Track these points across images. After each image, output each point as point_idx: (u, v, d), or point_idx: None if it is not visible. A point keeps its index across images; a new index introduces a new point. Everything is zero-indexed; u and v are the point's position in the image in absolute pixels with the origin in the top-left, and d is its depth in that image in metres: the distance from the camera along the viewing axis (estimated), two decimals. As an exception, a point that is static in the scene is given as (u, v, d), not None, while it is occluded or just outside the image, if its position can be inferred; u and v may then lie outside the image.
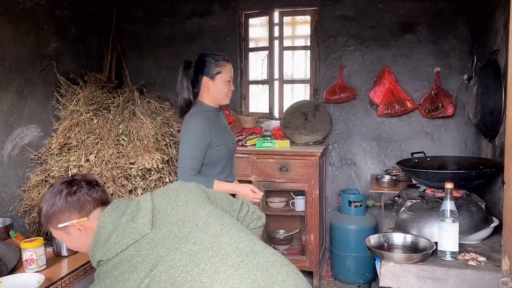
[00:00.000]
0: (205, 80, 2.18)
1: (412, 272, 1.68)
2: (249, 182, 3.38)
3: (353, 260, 3.26)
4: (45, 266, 2.04)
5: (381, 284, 1.74)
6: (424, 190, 2.33)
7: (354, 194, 3.36)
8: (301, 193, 3.36)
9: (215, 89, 2.19)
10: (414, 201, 2.13)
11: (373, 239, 1.85)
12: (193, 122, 2.14)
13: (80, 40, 3.67)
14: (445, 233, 1.70)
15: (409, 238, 1.83)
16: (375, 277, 3.21)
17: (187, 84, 2.22)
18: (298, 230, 3.55)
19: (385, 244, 1.85)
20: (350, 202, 3.30)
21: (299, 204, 3.37)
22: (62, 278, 2.01)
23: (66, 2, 3.50)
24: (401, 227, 1.95)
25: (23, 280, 1.87)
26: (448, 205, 1.69)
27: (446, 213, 1.70)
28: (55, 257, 2.20)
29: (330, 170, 3.72)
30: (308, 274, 3.31)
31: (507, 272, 0.96)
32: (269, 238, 3.52)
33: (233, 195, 2.13)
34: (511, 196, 0.93)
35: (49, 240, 2.27)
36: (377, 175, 3.26)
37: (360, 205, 3.30)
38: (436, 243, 1.74)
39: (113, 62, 3.92)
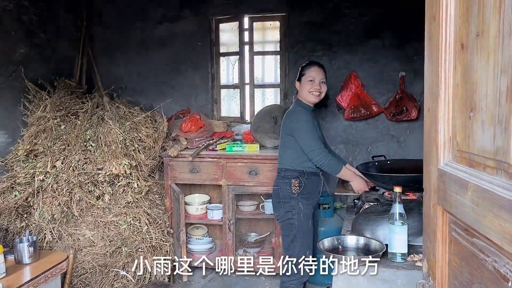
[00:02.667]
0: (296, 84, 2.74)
1: (363, 274, 1.74)
2: (219, 186, 3.42)
3: (322, 262, 3.31)
4: (4, 274, 2.05)
5: (334, 287, 1.79)
6: (383, 193, 2.40)
7: (322, 196, 3.41)
8: (270, 196, 3.40)
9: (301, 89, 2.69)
10: (371, 203, 2.19)
11: (327, 242, 1.91)
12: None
13: (49, 45, 3.66)
14: (394, 235, 1.76)
15: (361, 240, 1.89)
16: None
17: None
18: (268, 233, 3.59)
19: (340, 247, 1.90)
20: (318, 205, 3.35)
21: (269, 207, 3.41)
22: (22, 285, 2.02)
23: (34, 7, 3.48)
24: (356, 230, 2.01)
25: (-19, 288, 1.88)
26: (397, 208, 1.76)
27: (395, 216, 1.76)
28: (16, 265, 2.20)
29: (300, 173, 3.77)
30: (278, 276, 3.35)
31: (426, 274, 1.01)
32: (240, 241, 3.56)
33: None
34: (428, 203, 0.99)
35: (10, 248, 2.27)
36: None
37: (328, 207, 3.35)
38: (387, 245, 1.80)
39: (83, 67, 3.91)
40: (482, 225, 0.72)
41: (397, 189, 1.75)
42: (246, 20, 3.83)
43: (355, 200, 2.46)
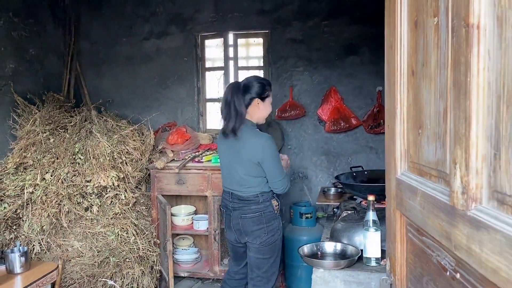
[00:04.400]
0: (256, 101, 2.43)
1: (339, 278, 1.86)
2: (205, 197, 3.52)
3: (304, 269, 3.42)
4: (-4, 283, 2.11)
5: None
6: (360, 202, 2.53)
7: (305, 206, 3.54)
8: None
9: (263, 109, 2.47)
10: (348, 212, 2.33)
11: (306, 248, 2.03)
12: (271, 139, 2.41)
13: (38, 60, 3.74)
14: (368, 241, 1.89)
15: (339, 246, 2.02)
16: (325, 285, 3.37)
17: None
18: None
19: (318, 253, 2.03)
20: (301, 214, 3.47)
21: (253, 217, 3.52)
22: (14, 294, 2.09)
23: (24, 24, 3.57)
24: (334, 236, 2.14)
25: (-27, 297, 1.94)
26: (371, 216, 1.89)
27: (369, 223, 1.89)
28: (7, 275, 2.27)
29: (283, 183, 3.89)
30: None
31: (389, 271, 1.14)
32: (226, 251, 3.64)
33: None
34: (389, 208, 1.12)
35: (1, 258, 2.34)
36: (324, 188, 3.46)
37: (311, 217, 3.48)
38: (362, 250, 1.93)
39: (71, 81, 4.00)
40: (428, 225, 0.85)
41: (371, 198, 1.89)
42: (230, 36, 3.98)
43: (335, 209, 2.59)
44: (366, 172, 2.83)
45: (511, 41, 0.58)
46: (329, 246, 2.04)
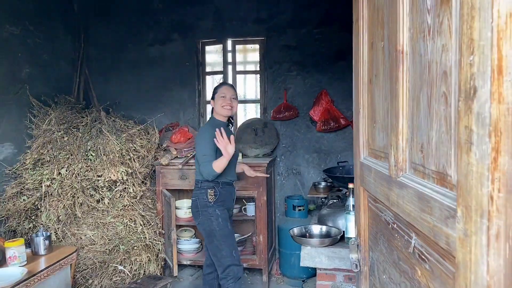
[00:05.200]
0: (211, 103, 2.96)
1: (324, 254, 2.17)
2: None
3: (297, 258, 3.73)
4: (25, 262, 2.41)
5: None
6: (345, 193, 2.84)
7: (298, 199, 3.86)
8: (251, 199, 3.83)
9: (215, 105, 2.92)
10: (334, 200, 2.64)
11: (296, 230, 2.34)
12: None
13: (51, 65, 4.04)
14: (349, 222, 2.20)
15: (324, 228, 2.33)
16: (316, 272, 3.68)
17: None
18: (250, 233, 4.00)
19: (307, 234, 2.33)
20: (294, 207, 3.79)
21: (250, 209, 3.83)
22: (40, 271, 2.39)
23: (38, 31, 3.87)
24: (321, 221, 2.45)
25: (9, 272, 2.24)
26: (351, 201, 2.20)
27: (349, 208, 2.20)
28: (33, 256, 2.57)
29: (278, 179, 4.21)
30: (258, 271, 3.76)
31: (356, 235, 1.45)
32: (224, 241, 3.95)
33: None
34: (356, 185, 1.43)
35: (28, 243, 2.64)
36: (315, 182, 3.77)
37: (303, 209, 3.79)
38: (344, 231, 2.24)
39: (81, 85, 4.30)
40: (378, 193, 1.16)
41: (351, 185, 2.20)
42: (229, 43, 4.30)
43: (323, 199, 2.90)
44: (351, 166, 3.15)
45: (418, 63, 0.89)
46: (316, 228, 2.35)
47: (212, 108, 2.98)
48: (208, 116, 4.51)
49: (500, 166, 0.59)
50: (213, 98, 2.95)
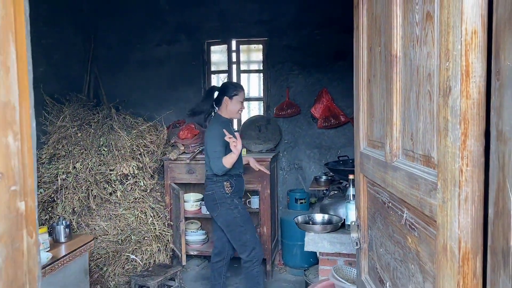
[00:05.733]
0: (225, 99, 3.05)
1: (326, 239, 2.36)
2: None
3: (299, 248, 3.92)
4: (49, 248, 2.59)
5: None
6: (345, 185, 3.03)
7: (299, 193, 4.05)
8: (255, 193, 4.01)
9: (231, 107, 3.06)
10: (335, 191, 2.83)
11: (301, 218, 2.52)
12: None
13: (62, 64, 4.22)
14: (349, 211, 2.39)
15: (326, 216, 2.52)
16: (317, 261, 3.87)
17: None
18: (254, 225, 4.18)
19: (310, 222, 2.52)
20: (296, 200, 3.98)
21: (255, 202, 4.02)
22: (61, 257, 2.57)
23: (51, 32, 4.05)
24: (323, 210, 2.64)
25: (35, 257, 2.41)
26: (351, 191, 2.39)
27: (349, 197, 2.39)
28: (54, 243, 2.75)
29: (281, 174, 4.40)
30: (262, 261, 3.93)
31: (357, 217, 1.64)
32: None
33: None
34: (357, 172, 1.61)
35: (49, 230, 2.82)
36: (316, 176, 3.96)
37: (305, 202, 3.98)
38: (345, 219, 2.43)
39: (91, 83, 4.48)
40: (375, 177, 1.35)
41: (351, 176, 2.38)
42: (233, 43, 4.48)
43: (324, 191, 3.09)
44: (351, 161, 3.34)
45: (409, 66, 1.08)
46: (319, 217, 2.53)
47: (219, 103, 3.09)
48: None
49: (468, 146, 0.78)
50: (230, 97, 3.05)
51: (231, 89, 3.08)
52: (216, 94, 3.17)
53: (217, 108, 3.15)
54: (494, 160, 0.71)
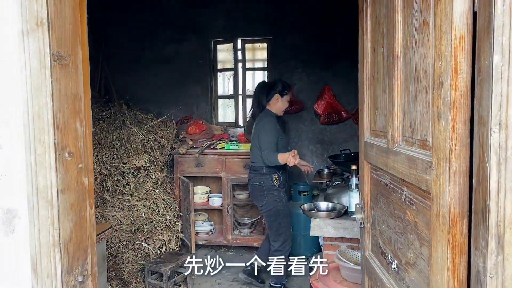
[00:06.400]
0: (276, 96, 3.24)
1: (330, 225, 2.54)
2: (218, 178, 4.19)
3: (302, 237, 4.10)
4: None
5: (311, 234, 2.59)
6: (347, 176, 3.21)
7: (303, 185, 4.22)
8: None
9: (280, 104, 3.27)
10: (338, 182, 3.01)
11: (306, 206, 2.70)
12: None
13: (75, 62, 4.38)
14: (352, 199, 2.56)
15: (330, 204, 2.70)
16: (319, 250, 4.06)
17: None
18: (259, 217, 4.37)
19: (315, 209, 2.70)
20: (299, 192, 4.16)
21: (260, 194, 4.19)
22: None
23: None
24: (327, 199, 2.82)
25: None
26: (354, 180, 2.56)
27: (352, 186, 2.56)
28: (75, 230, 2.92)
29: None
30: (268, 250, 4.11)
31: (360, 199, 1.82)
32: (236, 224, 4.32)
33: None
34: (361, 159, 1.80)
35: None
36: (319, 169, 4.14)
37: (308, 194, 4.16)
38: (347, 207, 2.61)
39: (102, 81, 4.65)
40: (378, 162, 1.53)
41: (354, 167, 2.56)
42: (239, 42, 4.65)
43: (327, 182, 3.28)
44: (352, 154, 3.52)
45: (408, 64, 1.26)
46: (323, 205, 2.72)
47: (269, 98, 3.26)
48: (220, 110, 4.88)
49: (456, 130, 0.96)
50: (281, 94, 3.25)
51: (283, 87, 3.28)
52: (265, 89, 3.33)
53: (266, 102, 3.29)
54: (476, 139, 0.89)
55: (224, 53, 4.79)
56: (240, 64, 4.69)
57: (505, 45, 0.79)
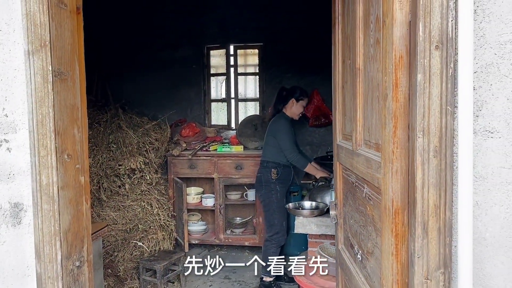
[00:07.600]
0: (292, 100, 3.56)
1: (313, 222, 2.71)
2: (211, 180, 4.36)
3: (292, 236, 4.26)
4: (69, 232, 2.92)
5: (295, 231, 2.75)
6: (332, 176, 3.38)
7: (293, 186, 4.38)
8: (252, 186, 4.35)
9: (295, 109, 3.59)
10: (322, 182, 3.18)
11: (291, 205, 2.87)
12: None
13: (73, 68, 4.54)
14: (332, 198, 2.73)
15: (314, 203, 2.86)
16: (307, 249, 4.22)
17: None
18: (250, 216, 4.53)
19: (300, 208, 2.87)
20: (290, 192, 4.32)
21: (251, 195, 4.36)
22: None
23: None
24: (312, 198, 2.98)
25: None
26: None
27: (333, 186, 2.73)
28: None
29: (275, 169, 4.74)
30: (258, 248, 4.28)
31: (335, 198, 1.99)
32: (228, 223, 4.48)
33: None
34: (334, 161, 1.96)
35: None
36: (308, 171, 4.30)
37: (297, 194, 4.32)
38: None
39: (98, 85, 4.80)
40: (347, 163, 1.70)
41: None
42: (231, 48, 4.82)
43: (313, 183, 3.44)
44: (338, 156, 3.69)
45: (367, 77, 1.43)
46: (307, 204, 2.88)
47: (286, 102, 3.58)
48: (213, 113, 5.05)
49: (397, 135, 1.13)
50: (297, 99, 3.57)
51: (299, 93, 3.61)
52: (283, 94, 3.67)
53: (282, 106, 3.61)
54: (410, 143, 1.06)
55: (217, 59, 4.96)
56: (232, 69, 4.86)
57: (426, 66, 0.96)
